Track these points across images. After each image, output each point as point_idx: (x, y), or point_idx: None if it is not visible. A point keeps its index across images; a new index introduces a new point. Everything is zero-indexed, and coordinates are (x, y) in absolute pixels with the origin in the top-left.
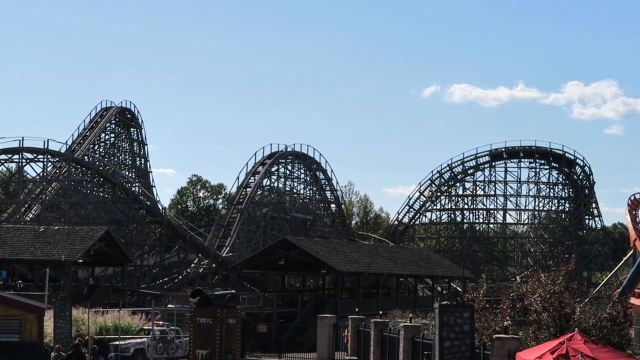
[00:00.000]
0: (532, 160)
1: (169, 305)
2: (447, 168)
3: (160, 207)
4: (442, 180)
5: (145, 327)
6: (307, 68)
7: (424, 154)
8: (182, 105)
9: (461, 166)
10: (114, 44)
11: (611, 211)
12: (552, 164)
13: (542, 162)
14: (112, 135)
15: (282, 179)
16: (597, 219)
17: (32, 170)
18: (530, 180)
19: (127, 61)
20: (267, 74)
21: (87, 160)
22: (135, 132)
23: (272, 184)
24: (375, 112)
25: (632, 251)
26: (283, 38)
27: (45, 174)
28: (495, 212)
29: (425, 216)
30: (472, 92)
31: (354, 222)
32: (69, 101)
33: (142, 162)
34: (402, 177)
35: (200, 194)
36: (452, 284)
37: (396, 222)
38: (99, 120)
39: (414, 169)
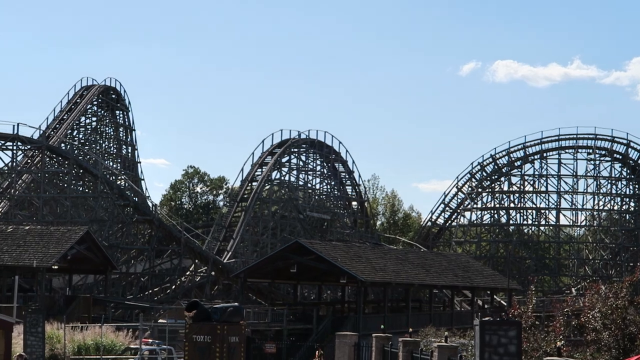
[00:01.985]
0: (590, 151)
1: (160, 320)
2: (490, 159)
3: (150, 204)
4: (484, 173)
5: (132, 346)
6: (324, 41)
7: (463, 142)
8: (177, 84)
9: (506, 157)
10: (96, 11)
11: None
12: (615, 155)
13: (603, 152)
14: (94, 119)
15: (295, 172)
16: None
17: None
18: (588, 174)
19: (111, 31)
20: (277, 47)
21: (64, 148)
22: (121, 116)
23: (282, 178)
24: (404, 93)
25: None
26: (296, 2)
27: (14, 164)
28: (547, 211)
29: (464, 216)
30: (519, 69)
31: (379, 222)
32: (42, 78)
33: (129, 150)
34: (437, 170)
35: (198, 189)
36: (495, 296)
37: (429, 223)
38: (78, 101)
39: (451, 161)
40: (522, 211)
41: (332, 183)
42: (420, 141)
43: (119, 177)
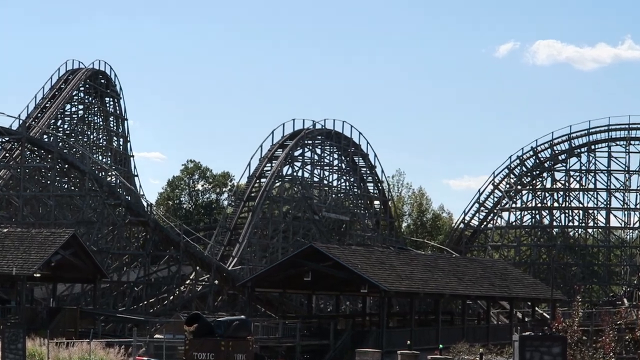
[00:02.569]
0: None
1: (157, 336)
2: (531, 153)
3: (145, 204)
4: (524, 169)
5: None
6: (341, 18)
7: (499, 134)
8: (174, 68)
9: (549, 150)
10: None
11: None
12: None
13: None
14: (81, 107)
15: (309, 167)
16: None
17: None
18: None
19: (99, 7)
20: (288, 24)
21: (46, 140)
22: (111, 103)
23: (295, 173)
24: (433, 78)
25: None
26: None
27: None
28: (596, 212)
29: (501, 217)
30: (563, 50)
31: (404, 224)
32: (22, 61)
33: (121, 143)
34: (470, 164)
35: (199, 186)
36: (537, 308)
37: (462, 225)
38: (62, 86)
39: (486, 154)
40: (567, 211)
41: (352, 179)
42: (451, 132)
43: (109, 173)
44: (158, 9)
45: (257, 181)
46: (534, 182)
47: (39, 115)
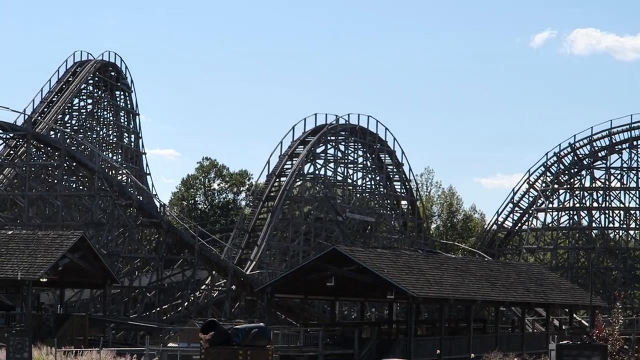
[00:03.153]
0: None
1: (170, 344)
2: (569, 149)
3: (158, 204)
4: (561, 166)
5: None
6: (366, 7)
7: (535, 129)
8: (188, 60)
9: (588, 146)
10: None
11: None
12: None
13: None
14: (90, 101)
15: (332, 165)
16: None
17: None
18: None
19: None
20: (310, 15)
21: (53, 136)
22: (122, 97)
23: (317, 172)
24: (465, 69)
25: None
26: None
27: None
28: (638, 212)
29: (537, 218)
30: (602, 39)
31: (434, 226)
32: (27, 52)
33: (132, 139)
34: (503, 162)
35: (215, 186)
36: (575, 315)
37: (495, 227)
38: (70, 79)
39: (520, 151)
40: (607, 212)
41: (377, 178)
42: (483, 127)
43: (120, 172)
44: None
45: (277, 180)
46: (572, 180)
47: (46, 110)
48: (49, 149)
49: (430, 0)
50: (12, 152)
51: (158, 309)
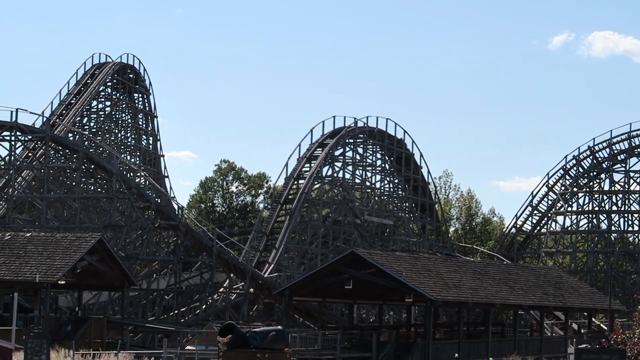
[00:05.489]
0: None
1: (188, 347)
2: (588, 152)
3: (176, 207)
4: (580, 169)
5: None
6: (385, 9)
7: (553, 131)
8: (206, 63)
9: (608, 149)
10: None
11: None
12: None
13: None
14: (108, 103)
15: (350, 167)
16: None
17: None
18: None
19: None
20: (327, 16)
21: (71, 139)
22: (140, 99)
23: (335, 174)
24: (481, 72)
25: None
26: None
27: (12, 158)
28: None
29: (556, 221)
30: (621, 42)
31: (452, 229)
32: (46, 56)
33: (151, 141)
34: (522, 165)
35: (233, 188)
36: (593, 319)
37: (513, 230)
38: (88, 81)
39: (539, 154)
40: (626, 215)
41: (396, 181)
42: (501, 130)
43: (138, 174)
44: (190, 0)
45: (295, 183)
46: (591, 183)
47: (64, 112)
48: (67, 151)
49: (448, 3)
50: (30, 154)
51: (176, 311)
